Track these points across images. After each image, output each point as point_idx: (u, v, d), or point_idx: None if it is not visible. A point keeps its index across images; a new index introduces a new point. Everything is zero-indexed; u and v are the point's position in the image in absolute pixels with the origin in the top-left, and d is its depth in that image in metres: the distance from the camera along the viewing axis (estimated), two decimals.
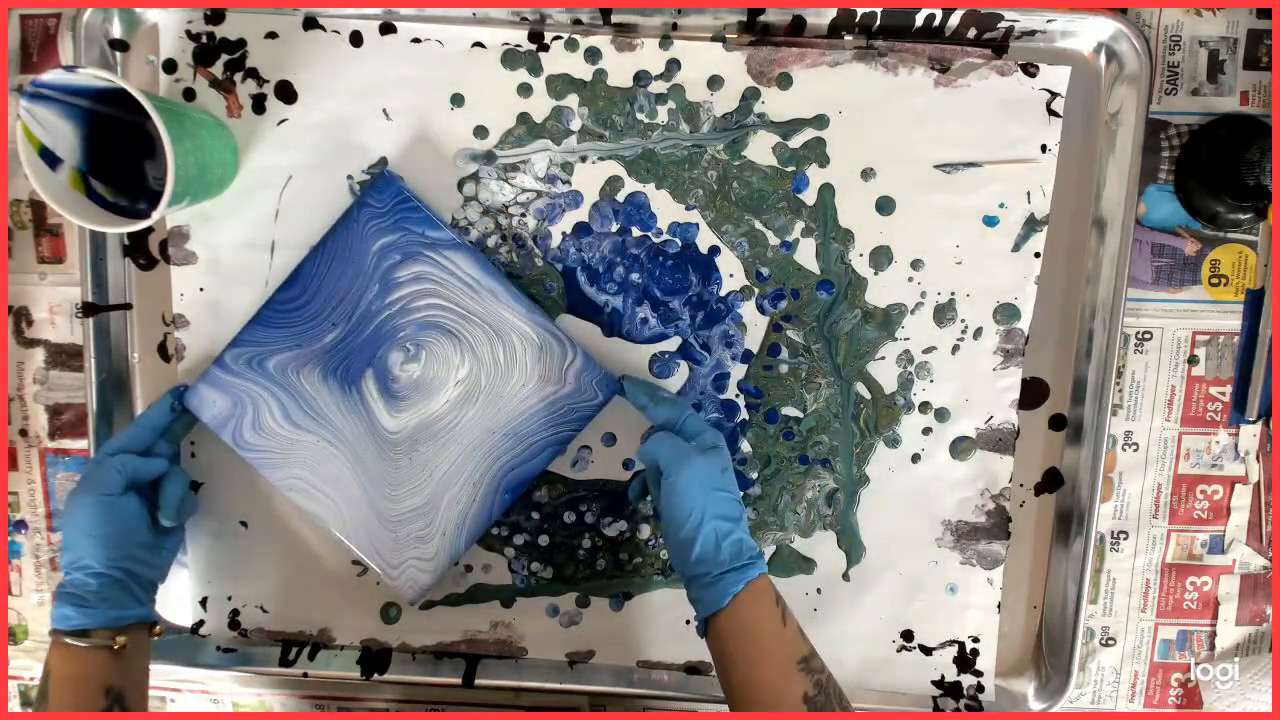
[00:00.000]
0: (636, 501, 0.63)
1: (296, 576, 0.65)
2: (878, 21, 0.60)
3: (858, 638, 0.64)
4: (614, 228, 0.62)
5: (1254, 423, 0.64)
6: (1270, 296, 0.62)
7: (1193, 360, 0.64)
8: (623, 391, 0.60)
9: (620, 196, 0.61)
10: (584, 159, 0.61)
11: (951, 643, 0.65)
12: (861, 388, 0.63)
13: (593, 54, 0.60)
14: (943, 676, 0.65)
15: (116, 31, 0.61)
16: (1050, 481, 0.64)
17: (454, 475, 0.61)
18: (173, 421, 0.59)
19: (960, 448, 0.63)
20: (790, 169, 0.61)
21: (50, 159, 0.53)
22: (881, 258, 0.62)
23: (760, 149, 0.61)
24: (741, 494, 0.63)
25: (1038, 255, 0.61)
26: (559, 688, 0.65)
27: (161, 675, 0.64)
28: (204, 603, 0.65)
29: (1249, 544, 0.65)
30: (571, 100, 0.61)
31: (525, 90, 0.61)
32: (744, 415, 0.63)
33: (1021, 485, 0.64)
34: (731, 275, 0.62)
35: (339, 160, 0.61)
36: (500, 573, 0.65)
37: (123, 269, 0.63)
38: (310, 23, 0.60)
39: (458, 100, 0.61)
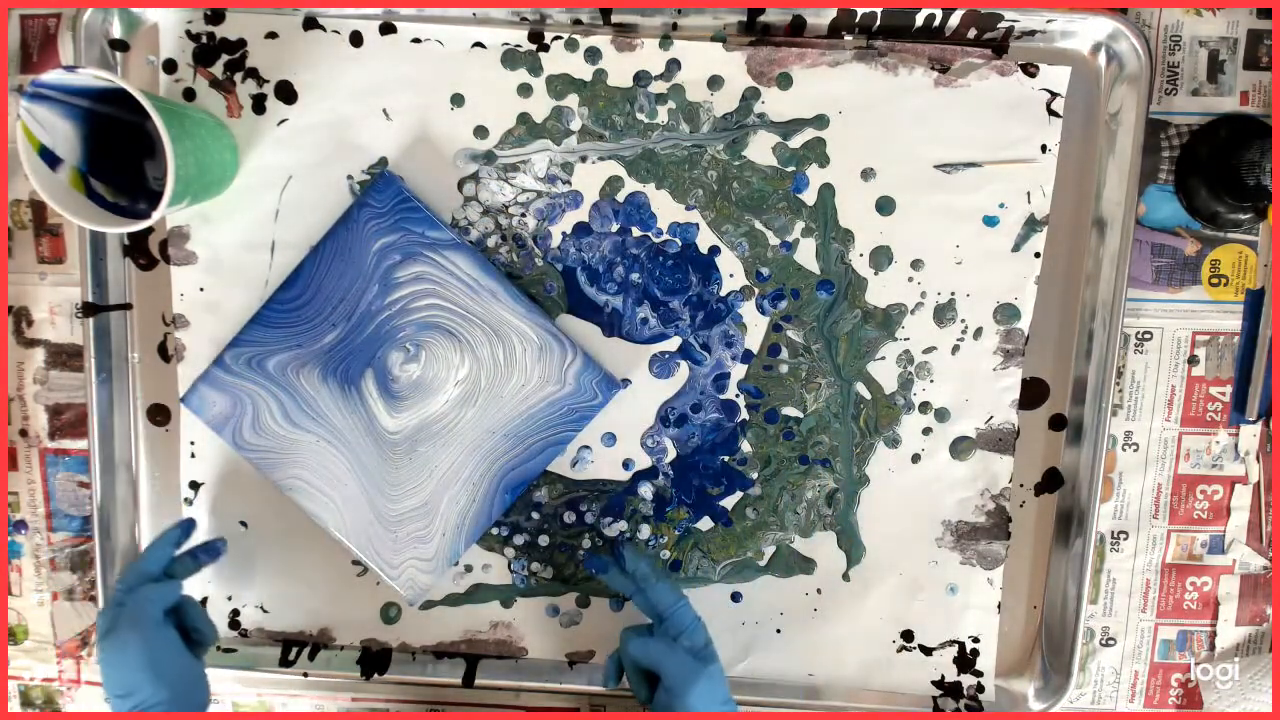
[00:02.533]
0: (614, 686, 0.59)
1: (296, 576, 0.65)
2: (878, 21, 0.60)
3: (858, 638, 0.64)
4: (614, 228, 0.62)
5: (1254, 423, 0.64)
6: (1270, 296, 0.62)
7: (1193, 360, 0.64)
8: (621, 561, 0.59)
9: (620, 196, 0.61)
10: (584, 159, 0.61)
11: (951, 643, 0.65)
12: (861, 388, 0.63)
13: (593, 54, 0.60)
14: (943, 676, 0.65)
15: (116, 31, 0.61)
16: (1050, 481, 0.64)
17: (453, 475, 0.61)
18: (174, 560, 0.58)
19: (960, 448, 0.63)
20: (790, 169, 0.61)
21: (50, 159, 0.53)
22: (881, 258, 0.62)
23: (760, 149, 0.61)
24: (741, 495, 0.63)
25: (1038, 255, 0.61)
26: (559, 688, 0.65)
27: None
28: (204, 603, 0.65)
29: (1249, 544, 0.65)
30: (571, 100, 0.61)
31: (525, 90, 0.61)
32: (744, 415, 0.63)
33: (1021, 485, 0.64)
34: (731, 275, 0.62)
35: (339, 160, 0.61)
36: (500, 573, 0.65)
37: (123, 269, 0.63)
38: (310, 23, 0.60)
39: (458, 100, 0.61)
